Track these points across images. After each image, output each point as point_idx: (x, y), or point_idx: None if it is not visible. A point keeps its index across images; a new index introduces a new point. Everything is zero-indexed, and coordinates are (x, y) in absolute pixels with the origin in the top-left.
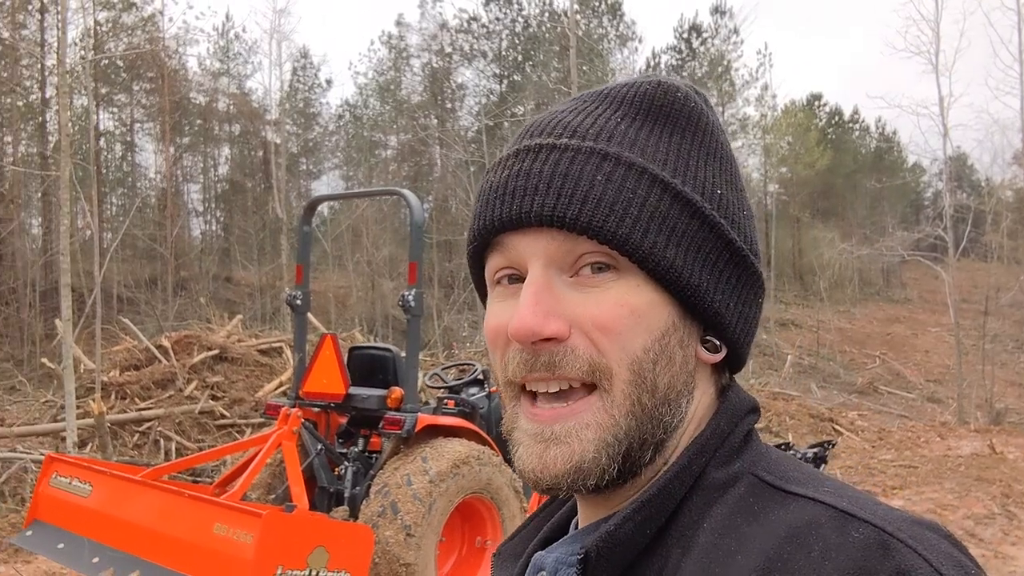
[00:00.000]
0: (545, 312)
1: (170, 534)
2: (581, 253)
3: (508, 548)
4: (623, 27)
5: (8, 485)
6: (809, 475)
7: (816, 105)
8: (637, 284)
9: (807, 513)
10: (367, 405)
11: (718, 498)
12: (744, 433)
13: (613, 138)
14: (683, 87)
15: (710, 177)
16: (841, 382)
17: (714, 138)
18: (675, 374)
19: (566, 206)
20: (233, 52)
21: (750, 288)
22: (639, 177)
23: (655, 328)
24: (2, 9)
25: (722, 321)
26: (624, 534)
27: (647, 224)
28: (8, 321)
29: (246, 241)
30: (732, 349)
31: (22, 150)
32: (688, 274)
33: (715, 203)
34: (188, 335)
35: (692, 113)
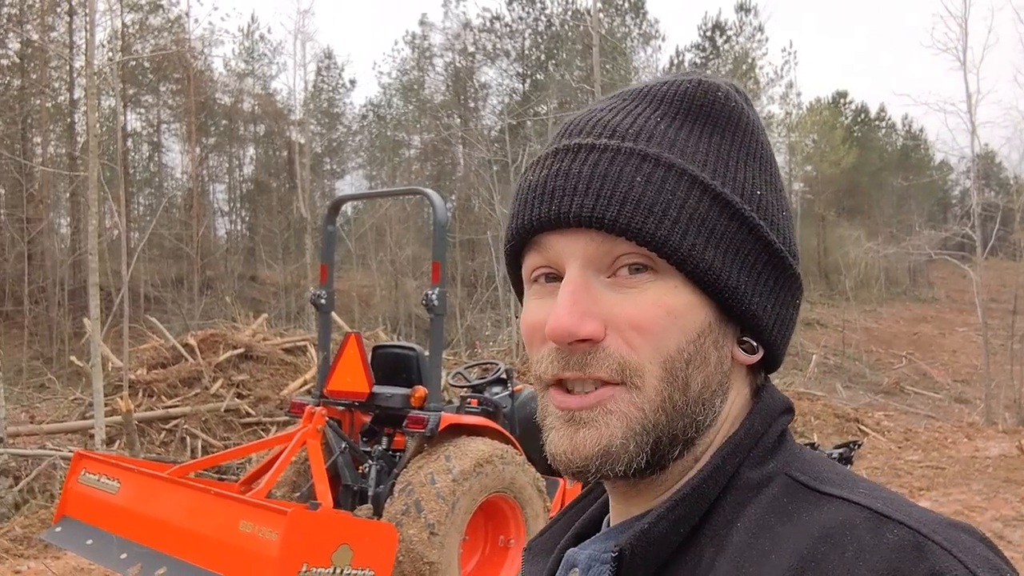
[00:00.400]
0: (582, 313)
1: (196, 531)
2: (619, 254)
3: (539, 544)
4: (646, 25)
5: (38, 481)
6: (843, 476)
7: (842, 103)
8: (675, 285)
9: (841, 514)
10: (391, 404)
11: (752, 498)
12: (778, 433)
13: (653, 138)
14: (723, 86)
15: (750, 178)
16: (867, 382)
17: (754, 138)
18: (709, 374)
19: (605, 207)
20: (258, 53)
21: (787, 290)
22: (679, 178)
23: (691, 329)
24: (32, 12)
25: (759, 323)
26: (658, 532)
27: (686, 226)
28: (37, 320)
29: (271, 240)
30: (768, 350)
31: (51, 151)
32: (727, 276)
33: (754, 204)
34: (214, 334)
35: (732, 113)
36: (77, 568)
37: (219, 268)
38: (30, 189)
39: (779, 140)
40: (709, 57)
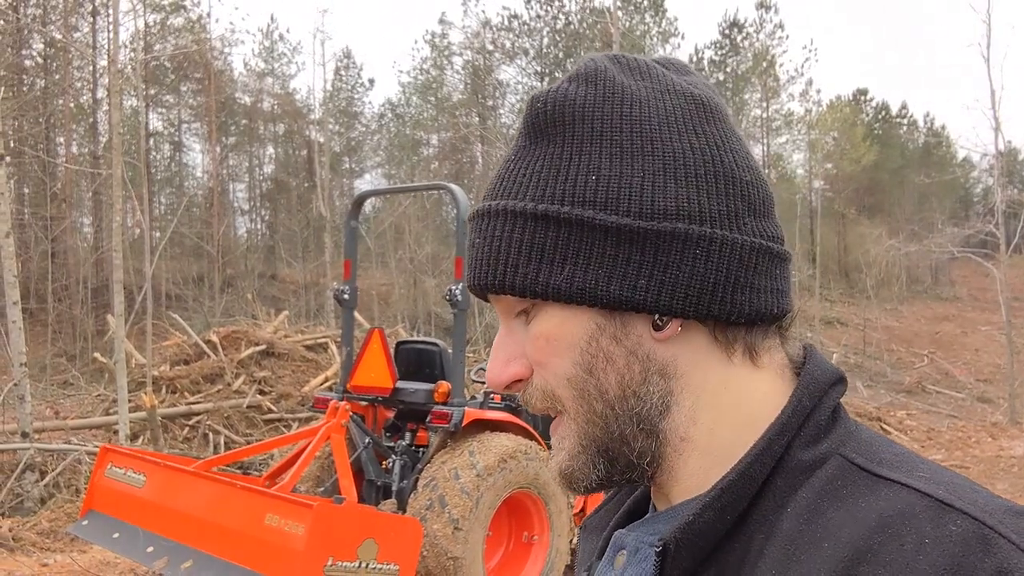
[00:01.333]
0: (505, 360)
1: (222, 524)
2: (511, 303)
3: (594, 520)
4: (665, 23)
5: (63, 476)
6: (903, 457)
7: (862, 100)
8: (543, 312)
9: (900, 501)
10: (414, 399)
11: (804, 481)
12: (831, 409)
13: (502, 185)
14: (546, 91)
15: (583, 168)
16: (888, 381)
17: (587, 122)
18: (622, 368)
19: (485, 275)
20: (277, 52)
21: (667, 252)
22: (503, 221)
23: (574, 342)
24: (55, 12)
25: (637, 303)
26: (704, 522)
27: (516, 259)
28: (61, 317)
29: (290, 239)
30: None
31: (74, 150)
32: (569, 283)
33: (587, 195)
34: (236, 330)
35: (556, 115)
36: (103, 561)
37: (239, 266)
38: (54, 188)
39: (799, 138)
40: (728, 55)
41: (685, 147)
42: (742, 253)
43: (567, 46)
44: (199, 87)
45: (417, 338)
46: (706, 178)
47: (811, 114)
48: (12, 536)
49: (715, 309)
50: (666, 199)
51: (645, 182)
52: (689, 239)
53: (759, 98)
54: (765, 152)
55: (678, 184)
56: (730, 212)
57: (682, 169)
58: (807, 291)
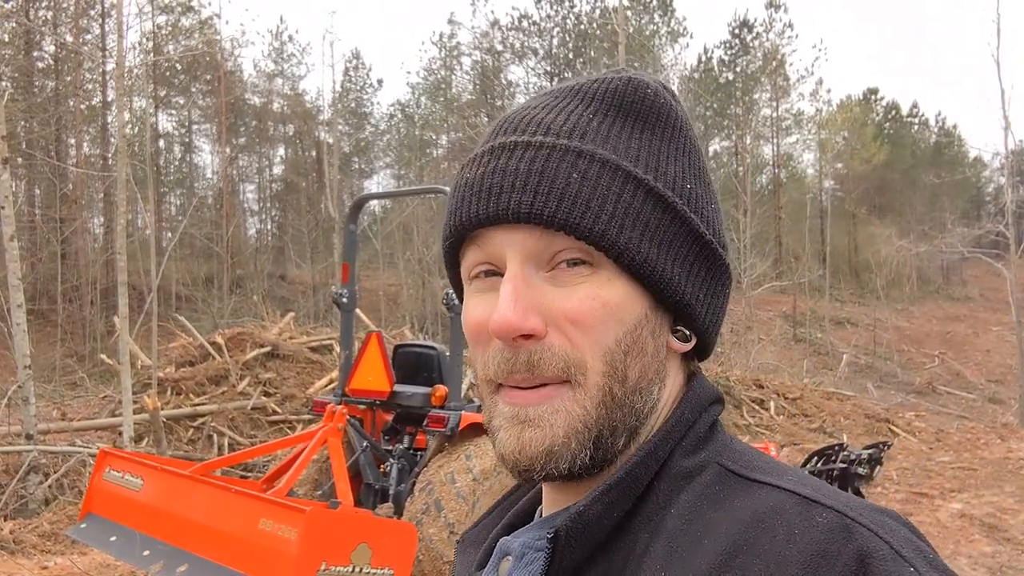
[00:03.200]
0: (524, 308)
1: (217, 529)
2: (557, 249)
3: (472, 535)
4: (674, 23)
5: (67, 478)
6: (772, 465)
7: (872, 99)
8: (609, 278)
9: (772, 499)
10: (412, 403)
11: (685, 485)
12: (709, 424)
13: (587, 135)
14: (652, 83)
15: (679, 172)
16: (898, 382)
17: (682, 134)
18: (646, 363)
19: (543, 203)
20: (287, 54)
21: (718, 279)
22: (613, 174)
23: (627, 320)
24: (65, 15)
25: (692, 312)
26: (593, 514)
27: (622, 220)
28: (71, 318)
29: (299, 240)
30: (701, 338)
31: (85, 152)
32: (661, 267)
33: (684, 197)
34: (241, 332)
35: (662, 110)
36: (103, 564)
37: (249, 267)
38: (64, 189)
39: (809, 137)
40: (737, 54)
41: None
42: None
43: (576, 46)
44: (209, 88)
45: (415, 341)
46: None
47: (821, 113)
48: (13, 539)
49: (714, 339)
50: (724, 236)
51: (716, 214)
52: (730, 277)
53: (769, 97)
54: (775, 152)
55: (723, 226)
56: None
57: (721, 212)
58: (817, 291)
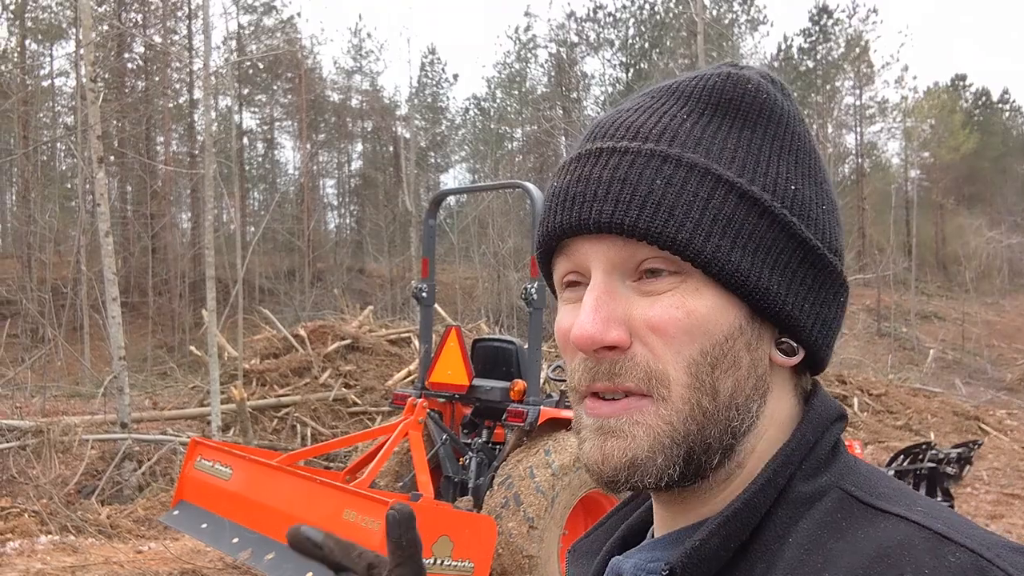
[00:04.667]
0: (605, 319)
1: (303, 518)
2: (642, 258)
3: (583, 545)
4: (753, 11)
5: (159, 465)
6: (900, 491)
7: (960, 86)
8: (697, 288)
9: (899, 532)
10: (490, 397)
11: (804, 513)
12: (831, 443)
13: (677, 138)
14: (754, 77)
15: (783, 172)
16: (988, 378)
17: (789, 130)
18: (741, 378)
19: (624, 212)
20: (365, 50)
21: (828, 288)
22: (701, 178)
23: (715, 332)
24: (154, 17)
25: (796, 323)
26: (709, 549)
27: (710, 227)
28: (161, 310)
29: (377, 234)
30: (810, 351)
31: (173, 149)
32: (756, 277)
33: (787, 200)
34: (323, 325)
35: (764, 105)
36: (194, 550)
37: (328, 261)
38: (154, 186)
39: (894, 126)
40: (817, 42)
41: (834, 192)
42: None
43: (652, 36)
44: (290, 86)
45: (494, 336)
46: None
47: (907, 101)
48: (110, 523)
49: (825, 355)
50: (838, 240)
51: (829, 216)
52: (844, 285)
53: (852, 85)
54: (858, 141)
55: (838, 228)
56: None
57: (837, 213)
58: (902, 284)
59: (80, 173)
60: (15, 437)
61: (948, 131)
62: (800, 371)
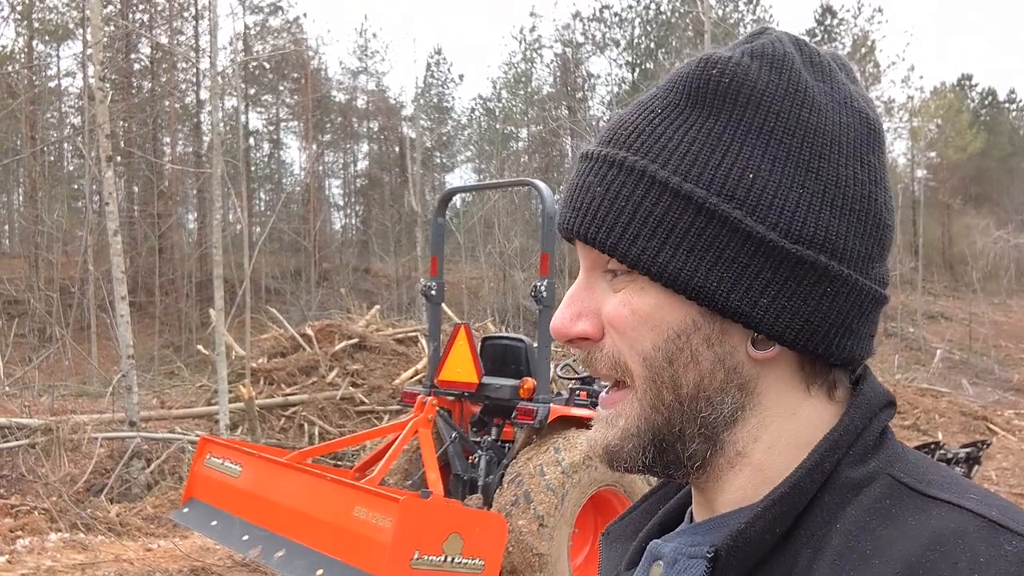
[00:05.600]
0: (575, 313)
1: (313, 515)
2: (606, 260)
3: (617, 529)
4: (759, 11)
5: (167, 464)
6: (951, 479)
7: (967, 86)
8: (642, 287)
9: (952, 520)
10: (500, 395)
11: (852, 498)
12: (879, 430)
13: (639, 138)
14: (723, 58)
15: (740, 161)
16: (996, 378)
17: (760, 111)
18: (704, 372)
19: (576, 220)
20: (371, 51)
21: (799, 280)
22: (637, 181)
23: (664, 328)
24: (161, 17)
25: (749, 319)
26: (755, 532)
27: (638, 229)
28: (168, 310)
29: (383, 234)
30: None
31: (179, 149)
32: (688, 275)
33: (737, 192)
34: (330, 324)
35: (730, 89)
36: (204, 547)
37: (334, 261)
38: (160, 186)
39: (900, 125)
40: (822, 42)
41: (848, 175)
42: (863, 300)
43: (658, 36)
44: (296, 87)
45: (503, 334)
46: (858, 215)
47: (913, 101)
48: (119, 521)
49: (820, 348)
50: (817, 226)
51: (802, 200)
52: (824, 275)
53: None
54: None
55: (832, 214)
56: (867, 255)
57: (840, 199)
58: (909, 284)
59: (87, 173)
60: (24, 435)
61: (955, 131)
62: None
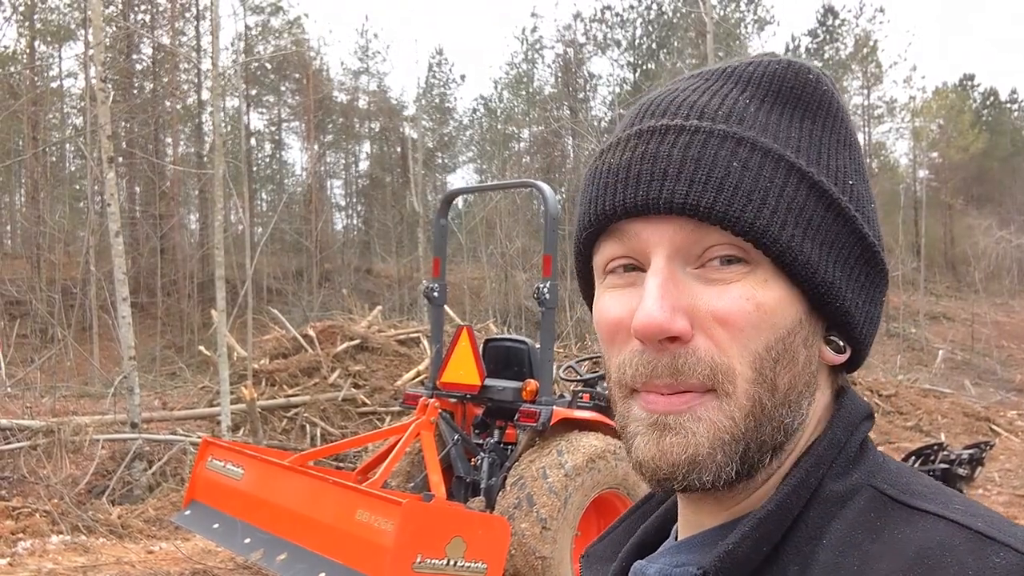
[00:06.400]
0: (672, 307)
1: (315, 518)
2: (710, 244)
3: (597, 550)
4: (761, 11)
5: (169, 465)
6: (935, 489)
7: (969, 85)
8: (765, 279)
9: (938, 532)
10: (502, 397)
11: (837, 512)
12: (860, 442)
13: (744, 121)
14: (814, 69)
15: (842, 166)
16: (998, 379)
17: (844, 125)
18: (796, 374)
19: (700, 193)
20: (372, 51)
21: (877, 286)
22: (776, 165)
23: (781, 326)
24: (162, 18)
25: (850, 320)
26: (742, 552)
27: (785, 216)
28: (169, 311)
29: (385, 234)
30: (856, 349)
31: (181, 150)
32: (823, 270)
33: (848, 194)
34: (332, 325)
35: (824, 98)
36: (205, 550)
37: (336, 261)
38: (162, 187)
39: (902, 125)
40: (824, 42)
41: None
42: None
43: (660, 36)
44: (297, 87)
45: (505, 335)
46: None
47: (915, 101)
48: (121, 523)
49: (868, 351)
50: (882, 237)
51: (875, 213)
52: (887, 283)
53: (860, 85)
54: (867, 141)
55: (880, 226)
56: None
57: (878, 212)
58: (911, 285)
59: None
60: (26, 437)
61: (957, 131)
62: (838, 370)
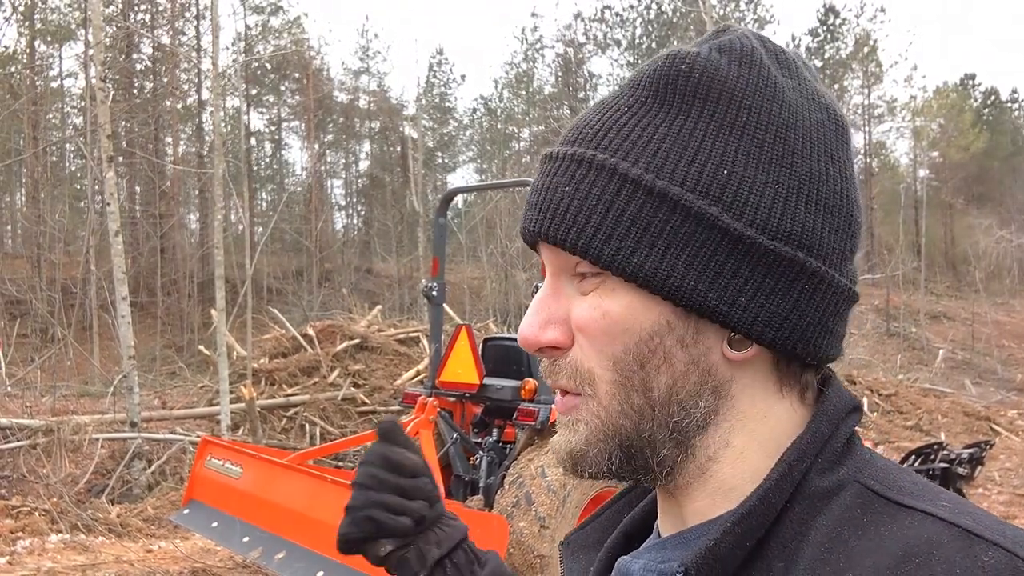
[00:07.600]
0: (543, 321)
1: (314, 517)
2: (576, 262)
3: (579, 538)
4: (761, 10)
5: (168, 464)
6: (922, 486)
7: (970, 85)
8: (613, 288)
9: (926, 530)
10: (501, 396)
11: (822, 508)
12: (846, 436)
13: (607, 136)
14: (691, 54)
15: (715, 156)
16: (999, 379)
17: (733, 106)
18: (678, 375)
19: (543, 221)
20: (372, 51)
21: (777, 278)
22: (608, 179)
23: (636, 330)
24: (162, 17)
25: (727, 318)
26: (725, 548)
27: (611, 228)
28: (169, 310)
29: (385, 234)
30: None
31: (181, 150)
32: (664, 275)
33: (713, 188)
34: (331, 324)
35: (700, 84)
36: (204, 549)
37: (336, 261)
38: (162, 187)
39: (903, 125)
40: (824, 41)
41: (821, 171)
42: (839, 297)
43: (660, 36)
44: (297, 87)
45: (504, 335)
46: (832, 211)
47: (915, 100)
48: (120, 522)
49: (799, 347)
50: (794, 222)
51: (778, 196)
52: (803, 271)
53: (860, 84)
54: (867, 140)
55: (807, 210)
56: (841, 251)
57: (815, 195)
58: (911, 284)
59: (89, 173)
60: (25, 436)
61: (957, 130)
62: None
